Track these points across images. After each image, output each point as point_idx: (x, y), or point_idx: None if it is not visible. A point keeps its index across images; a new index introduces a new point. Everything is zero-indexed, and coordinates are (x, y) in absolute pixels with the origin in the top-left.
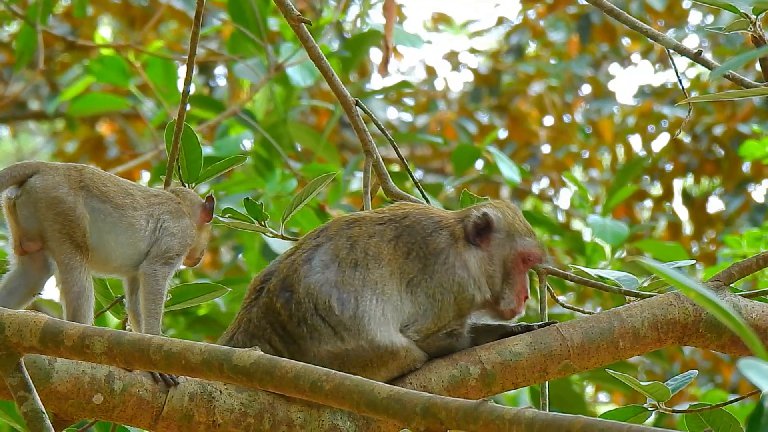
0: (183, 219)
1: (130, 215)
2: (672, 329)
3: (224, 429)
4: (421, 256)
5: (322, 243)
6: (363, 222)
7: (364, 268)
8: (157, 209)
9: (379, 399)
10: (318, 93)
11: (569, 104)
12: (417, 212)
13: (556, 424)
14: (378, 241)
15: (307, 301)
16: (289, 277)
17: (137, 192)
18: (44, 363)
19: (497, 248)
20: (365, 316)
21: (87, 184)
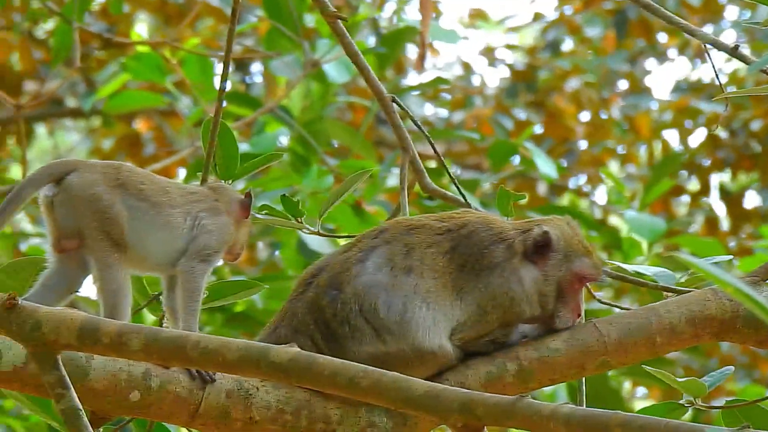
0: (220, 216)
1: (167, 213)
2: (709, 325)
3: (261, 426)
4: (476, 268)
5: (378, 245)
6: (422, 230)
7: (418, 275)
8: (195, 207)
9: (416, 395)
10: (354, 89)
11: (606, 100)
12: (476, 222)
13: (594, 420)
14: (434, 252)
15: (353, 301)
16: (339, 275)
17: (174, 189)
18: (81, 360)
19: (553, 268)
20: (412, 322)
21: (124, 182)
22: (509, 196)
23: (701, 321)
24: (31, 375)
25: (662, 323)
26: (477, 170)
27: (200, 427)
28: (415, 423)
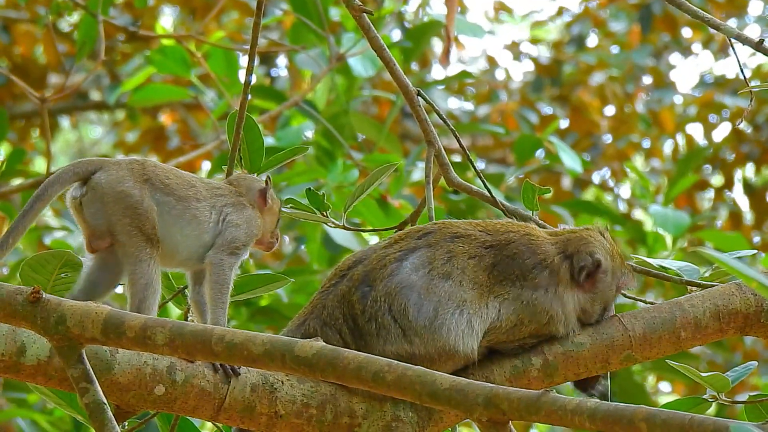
0: (246, 210)
1: (194, 207)
2: (734, 319)
3: (286, 420)
4: (518, 285)
5: (420, 247)
6: (467, 240)
7: (456, 284)
8: (220, 200)
9: (441, 390)
10: (379, 83)
11: (630, 94)
12: (521, 241)
13: (618, 415)
14: (475, 264)
15: (383, 299)
16: (374, 271)
17: (199, 184)
18: (106, 354)
19: (602, 289)
20: (443, 327)
21: (150, 177)
22: (534, 190)
23: (726, 315)
24: (55, 369)
25: (687, 318)
26: (502, 164)
27: (225, 422)
28: (440, 417)
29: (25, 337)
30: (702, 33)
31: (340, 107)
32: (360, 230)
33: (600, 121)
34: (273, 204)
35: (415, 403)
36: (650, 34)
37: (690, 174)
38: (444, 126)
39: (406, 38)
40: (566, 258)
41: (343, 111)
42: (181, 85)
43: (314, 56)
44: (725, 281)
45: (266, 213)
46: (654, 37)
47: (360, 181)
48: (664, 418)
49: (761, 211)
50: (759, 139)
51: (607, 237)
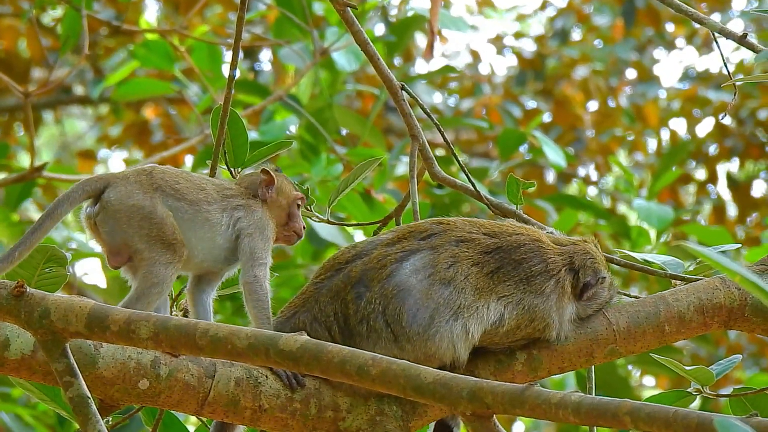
0: (255, 212)
1: (206, 210)
2: (718, 313)
3: (270, 414)
4: (520, 289)
5: (422, 249)
6: (471, 245)
7: (458, 290)
8: (231, 202)
9: (426, 383)
10: (363, 77)
11: (614, 88)
12: (530, 246)
13: (603, 408)
14: (478, 271)
15: (378, 301)
16: (372, 271)
17: (210, 186)
18: (90, 348)
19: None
20: (437, 334)
21: (160, 185)
22: (518, 184)
23: (710, 309)
24: (39, 363)
25: (671, 312)
26: (486, 158)
27: (209, 416)
28: (424, 411)
29: (8, 332)
30: (686, 27)
31: (324, 101)
32: (344, 224)
33: (584, 115)
34: (278, 197)
35: (400, 397)
36: (634, 28)
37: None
38: (428, 120)
39: (389, 32)
40: (572, 271)
41: (327, 105)
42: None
43: (298, 51)
44: (709, 275)
45: (272, 207)
46: (637, 31)
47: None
48: (648, 412)
49: (745, 205)
50: (742, 133)
51: (597, 245)
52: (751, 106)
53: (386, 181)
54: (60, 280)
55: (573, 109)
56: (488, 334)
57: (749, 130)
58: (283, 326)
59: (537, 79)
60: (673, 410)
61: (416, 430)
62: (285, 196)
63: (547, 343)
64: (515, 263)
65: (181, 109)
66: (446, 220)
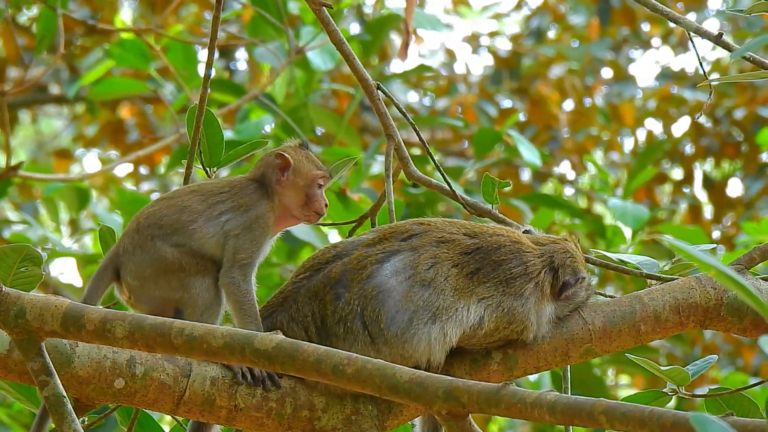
0: (247, 212)
1: (192, 230)
2: (693, 313)
3: (245, 413)
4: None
5: (403, 250)
6: (451, 245)
7: (438, 292)
8: (216, 208)
9: (401, 383)
10: (339, 77)
11: (589, 87)
12: (510, 248)
13: (578, 408)
14: (458, 272)
15: (357, 302)
16: (353, 272)
17: (193, 200)
18: (65, 348)
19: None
20: (415, 337)
21: (153, 234)
22: (494, 183)
23: (685, 309)
24: (15, 362)
25: (646, 311)
26: (461, 157)
27: (185, 415)
28: (400, 410)
29: None
30: (661, 27)
31: (299, 100)
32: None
33: (559, 114)
34: (295, 178)
35: (376, 397)
36: (609, 27)
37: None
38: (403, 119)
39: (364, 31)
40: (551, 270)
41: (302, 104)
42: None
43: (273, 50)
44: (685, 275)
45: (287, 189)
46: (613, 30)
47: None
48: (623, 411)
49: (721, 205)
50: (718, 132)
51: (577, 245)
52: (727, 106)
53: (361, 180)
54: (35, 279)
55: (548, 108)
56: (466, 336)
57: (725, 129)
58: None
59: (512, 78)
60: (649, 409)
61: (392, 429)
62: (303, 177)
63: (523, 343)
64: (495, 264)
65: (157, 108)
66: (427, 221)
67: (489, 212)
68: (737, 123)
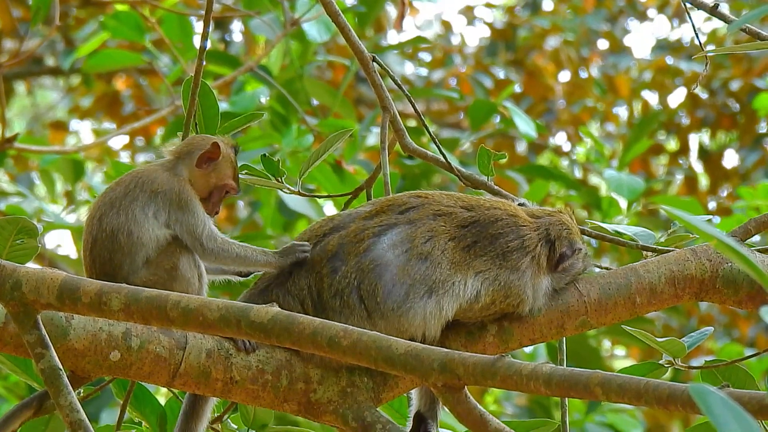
0: (166, 194)
1: (139, 245)
2: (689, 285)
3: (241, 386)
4: (497, 264)
5: (400, 223)
6: (448, 218)
7: (435, 265)
8: (137, 210)
9: (397, 355)
10: (334, 48)
11: (585, 59)
12: (506, 222)
13: (574, 379)
14: (454, 246)
15: (354, 276)
16: (350, 245)
17: (112, 214)
18: (61, 320)
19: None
20: (411, 310)
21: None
22: (489, 155)
23: (681, 281)
24: (10, 335)
25: (642, 283)
26: (457, 129)
27: (180, 387)
28: (395, 383)
29: None
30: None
31: (294, 72)
32: (315, 196)
33: (555, 85)
34: (211, 173)
35: (371, 369)
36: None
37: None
38: (399, 91)
39: (360, 3)
40: (548, 243)
41: (298, 76)
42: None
43: (269, 21)
44: (680, 246)
45: (198, 177)
46: (609, 1)
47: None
48: (619, 383)
49: (716, 176)
50: (714, 103)
51: (572, 216)
52: (723, 77)
53: (357, 152)
54: (31, 251)
55: (544, 79)
56: (463, 310)
57: (721, 100)
58: (256, 299)
59: (508, 50)
60: (645, 381)
61: (387, 401)
62: (218, 176)
63: (519, 315)
64: (492, 238)
65: (152, 81)
66: (424, 194)
67: (484, 184)
68: (733, 94)
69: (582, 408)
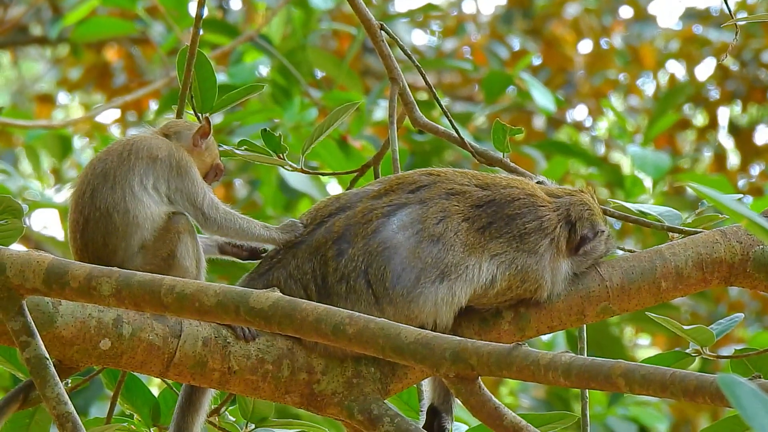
0: (163, 160)
1: (136, 224)
2: (718, 269)
3: (240, 376)
4: (513, 246)
5: (411, 203)
6: (462, 197)
7: (447, 248)
8: (134, 178)
9: (406, 343)
10: (339, 16)
11: (607, 28)
12: (524, 202)
13: (595, 370)
14: (468, 227)
15: (361, 259)
16: (357, 226)
17: (107, 189)
18: (48, 306)
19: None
20: (422, 296)
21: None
22: (505, 130)
23: (709, 264)
24: None
25: (668, 267)
26: (470, 102)
27: (175, 378)
28: (404, 373)
29: None
30: None
31: (297, 42)
32: (319, 173)
33: (575, 56)
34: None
35: (379, 359)
36: None
37: (671, 113)
38: (408, 62)
39: None
40: (568, 224)
41: (300, 46)
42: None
43: None
44: (709, 228)
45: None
46: None
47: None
48: (643, 374)
49: (747, 152)
50: (745, 75)
51: (594, 197)
52: (754, 47)
53: (364, 127)
54: (16, 232)
55: (563, 50)
56: (477, 296)
57: (752, 72)
58: (256, 283)
59: (525, 18)
60: (671, 372)
61: (396, 393)
62: (211, 156)
63: (536, 301)
64: (508, 218)
65: (145, 50)
66: (436, 171)
67: (500, 161)
68: (765, 65)
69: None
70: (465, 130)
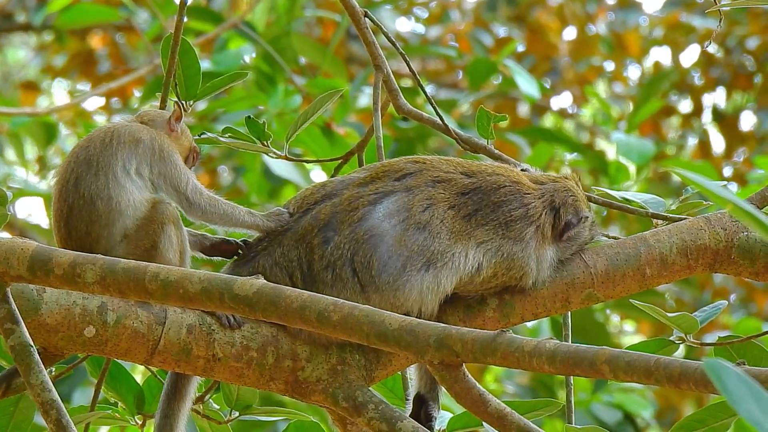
0: (145, 143)
1: (119, 210)
2: (702, 255)
3: (224, 363)
4: (499, 234)
5: (397, 190)
6: (448, 185)
7: (433, 235)
8: (117, 164)
9: (391, 330)
10: (323, 2)
11: (591, 14)
12: (509, 189)
13: (579, 357)
14: (454, 215)
15: (347, 246)
16: (343, 214)
17: (89, 177)
18: (32, 293)
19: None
20: (407, 284)
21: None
22: (489, 117)
23: (694, 251)
24: None
25: (652, 254)
26: (454, 89)
27: (159, 365)
28: (389, 360)
29: None
30: None
31: (281, 29)
32: (303, 161)
33: (559, 43)
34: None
35: (363, 346)
36: None
37: (655, 100)
38: (392, 49)
39: None
40: (552, 211)
41: (285, 33)
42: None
43: None
44: (693, 215)
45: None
46: None
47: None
48: (627, 361)
49: (732, 139)
50: (730, 62)
51: (578, 182)
52: (739, 34)
53: (348, 113)
54: (0, 219)
55: (548, 37)
56: (463, 283)
57: (737, 59)
58: (241, 270)
59: (509, 5)
60: (655, 358)
61: (380, 380)
62: (187, 139)
63: (522, 288)
64: (494, 206)
65: (130, 38)
66: (422, 159)
67: (484, 148)
68: (750, 52)
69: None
70: (449, 117)
